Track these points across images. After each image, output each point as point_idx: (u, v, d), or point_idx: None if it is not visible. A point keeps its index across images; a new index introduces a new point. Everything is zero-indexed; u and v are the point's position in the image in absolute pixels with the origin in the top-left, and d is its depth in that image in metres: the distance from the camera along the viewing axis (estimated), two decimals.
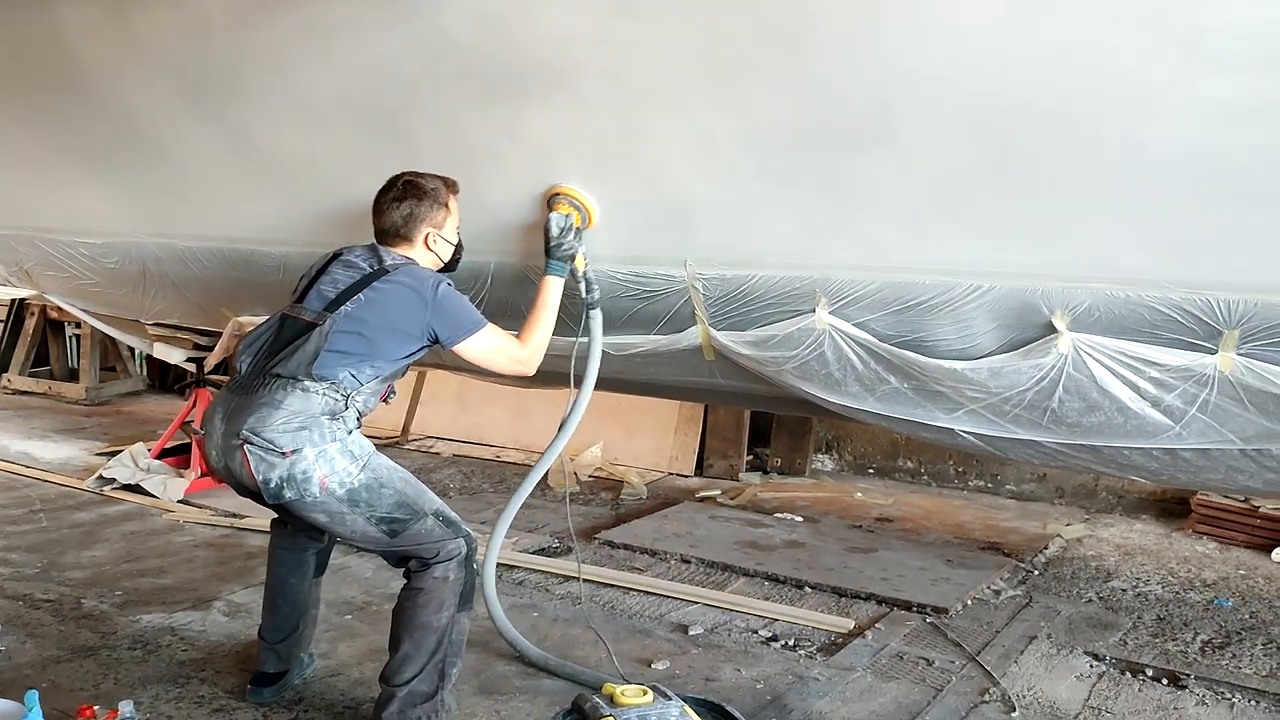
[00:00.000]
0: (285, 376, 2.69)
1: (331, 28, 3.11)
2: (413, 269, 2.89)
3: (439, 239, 3.00)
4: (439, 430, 6.91)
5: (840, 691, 3.23)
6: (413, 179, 2.97)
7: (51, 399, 8.16)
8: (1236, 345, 2.60)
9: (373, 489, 2.73)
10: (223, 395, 2.83)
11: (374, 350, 2.77)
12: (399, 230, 2.95)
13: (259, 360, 2.79)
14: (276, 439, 2.63)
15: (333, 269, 2.90)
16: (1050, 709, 3.15)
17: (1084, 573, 4.50)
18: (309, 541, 3.10)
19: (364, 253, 2.93)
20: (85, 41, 3.61)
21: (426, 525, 2.79)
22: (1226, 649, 3.65)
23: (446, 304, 2.83)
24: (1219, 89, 2.28)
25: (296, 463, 2.63)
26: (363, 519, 2.72)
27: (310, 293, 2.85)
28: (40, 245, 4.85)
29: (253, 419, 2.65)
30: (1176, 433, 2.79)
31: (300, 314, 2.81)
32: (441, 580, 2.77)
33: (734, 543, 4.69)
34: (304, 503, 2.68)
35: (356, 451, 2.74)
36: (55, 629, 3.53)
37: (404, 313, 2.79)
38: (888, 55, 2.53)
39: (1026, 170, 2.59)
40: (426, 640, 2.75)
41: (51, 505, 5.09)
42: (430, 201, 2.95)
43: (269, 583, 3.12)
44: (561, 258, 3.10)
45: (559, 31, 2.80)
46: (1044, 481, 5.87)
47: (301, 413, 2.66)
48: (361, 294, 2.78)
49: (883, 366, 3.06)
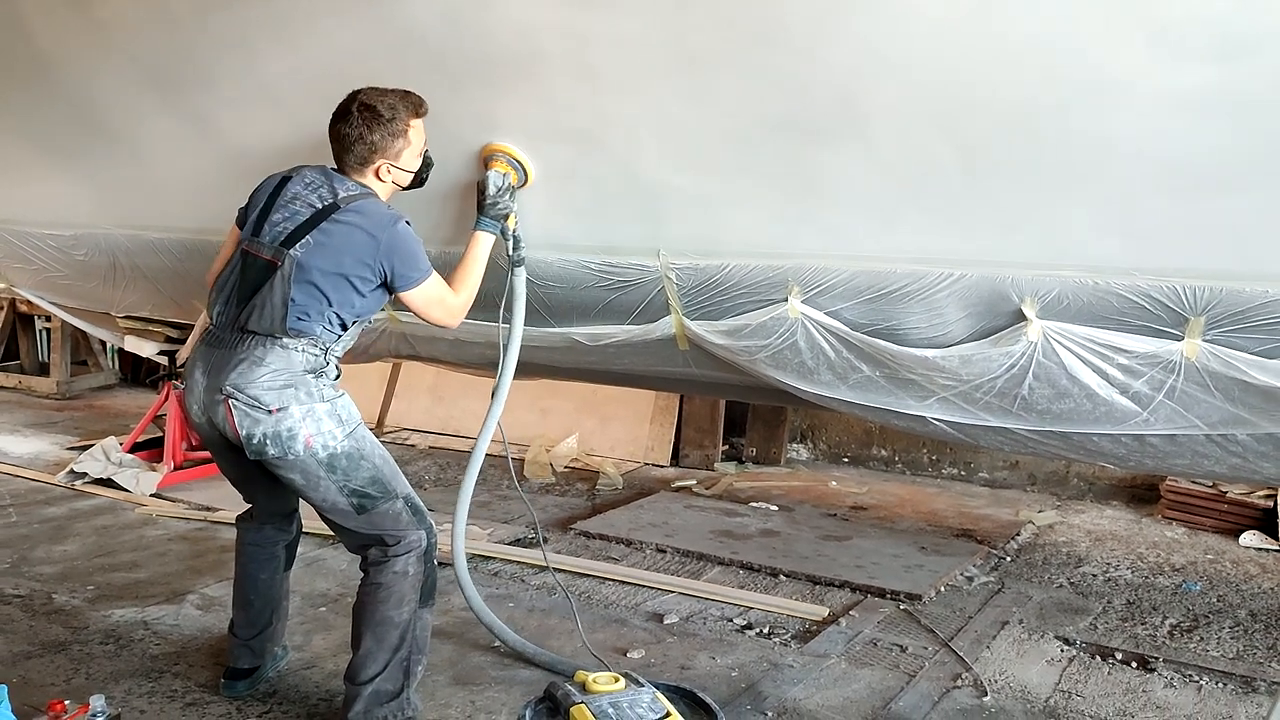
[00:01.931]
0: (261, 334, 2.66)
1: (297, 16, 3.08)
2: (366, 204, 2.75)
3: (393, 168, 2.83)
4: (414, 422, 6.89)
5: (814, 678, 3.25)
6: (369, 103, 2.75)
7: (22, 393, 8.08)
8: (1202, 332, 2.63)
9: (352, 458, 2.71)
10: (200, 349, 2.78)
11: (335, 300, 2.69)
12: (352, 159, 2.79)
13: (230, 310, 2.73)
14: (261, 396, 2.62)
15: (284, 197, 2.75)
16: (1022, 693, 3.19)
17: (1055, 559, 4.54)
18: (277, 534, 3.09)
19: (317, 178, 2.78)
20: (48, 30, 3.56)
21: (395, 508, 2.77)
22: (1194, 632, 3.70)
23: (400, 247, 2.72)
24: (1182, 79, 2.30)
25: (282, 420, 2.62)
26: (335, 487, 2.70)
27: (264, 225, 2.73)
28: (7, 238, 4.79)
29: (234, 374, 2.64)
30: (1144, 419, 2.82)
31: (259, 251, 2.71)
32: (401, 575, 2.74)
33: (709, 532, 4.71)
34: (284, 460, 2.65)
35: (344, 416, 2.72)
36: (25, 624, 3.50)
37: (354, 256, 2.68)
38: (854, 46, 2.53)
39: (994, 160, 2.61)
40: (388, 636, 2.72)
41: (22, 500, 5.04)
42: (384, 131, 2.76)
43: (239, 578, 3.08)
44: (495, 216, 3.03)
45: (526, 21, 2.79)
46: (1016, 469, 5.92)
47: (285, 370, 2.65)
48: (310, 236, 2.67)
49: (855, 355, 3.07)
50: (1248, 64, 2.24)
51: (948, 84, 2.51)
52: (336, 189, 2.76)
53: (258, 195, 2.84)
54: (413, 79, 3.02)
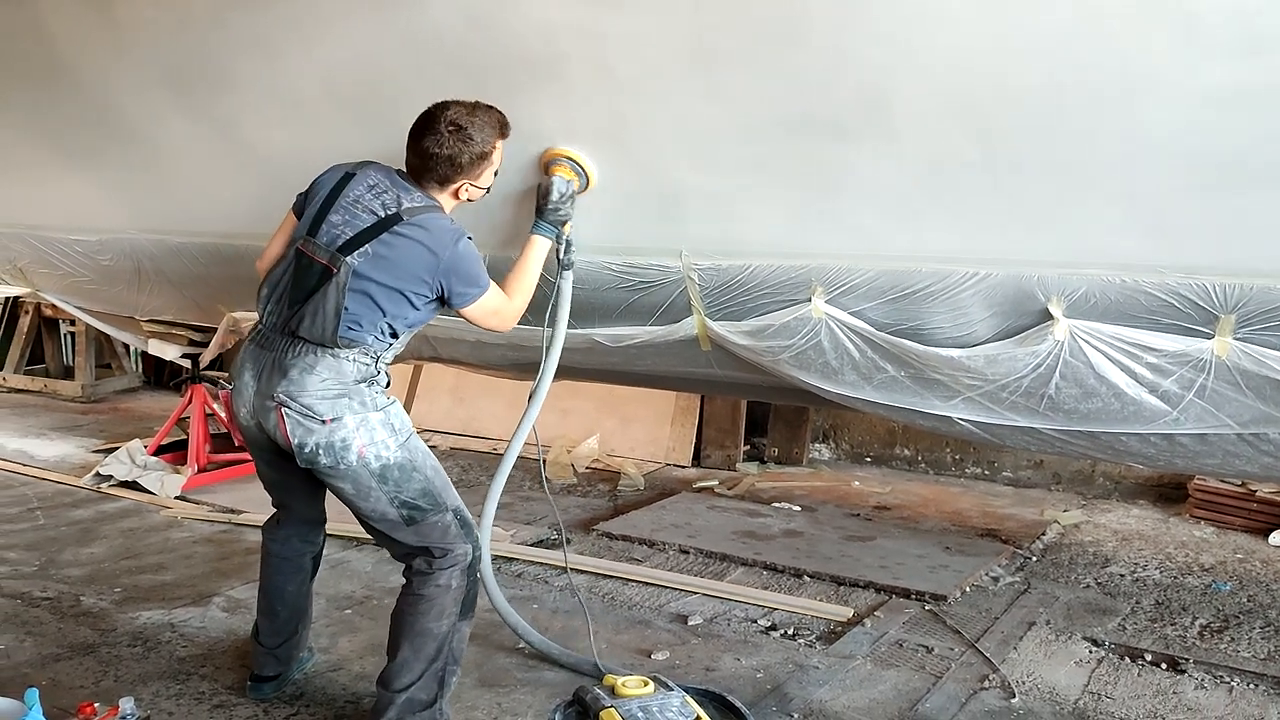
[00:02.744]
0: (312, 342, 2.63)
1: (318, 19, 3.09)
2: (430, 218, 2.68)
3: (471, 187, 2.78)
4: (435, 423, 6.90)
5: (840, 680, 3.23)
6: (462, 123, 2.68)
7: (47, 396, 8.14)
8: (1233, 330, 2.60)
9: (405, 469, 2.68)
10: (250, 350, 2.75)
11: (389, 311, 2.66)
12: (433, 178, 2.73)
13: (281, 311, 2.69)
14: (314, 405, 2.60)
15: (346, 197, 2.69)
16: (1050, 694, 3.16)
17: (1082, 558, 4.50)
18: (304, 546, 3.07)
19: (382, 181, 2.72)
20: (70, 34, 3.59)
21: (445, 520, 2.74)
22: (1225, 633, 3.66)
23: (462, 264, 2.68)
24: (1213, 73, 2.27)
25: (336, 430, 2.61)
26: (386, 498, 2.67)
27: (322, 225, 2.67)
28: (33, 243, 4.83)
29: (286, 382, 2.62)
30: (1174, 418, 2.79)
31: (315, 253, 2.66)
32: (445, 588, 2.72)
33: (732, 533, 4.70)
34: (335, 470, 2.63)
35: (397, 425, 2.70)
36: (54, 626, 3.52)
37: (413, 272, 2.64)
38: (878, 42, 2.52)
39: (1020, 156, 2.59)
40: (426, 647, 2.71)
41: (49, 503, 5.08)
42: (473, 154, 2.70)
43: (265, 589, 3.06)
44: (555, 221, 2.99)
45: (546, 22, 2.79)
46: (1041, 468, 5.88)
47: (336, 379, 2.63)
48: (370, 246, 2.62)
49: (879, 355, 3.05)
50: (1278, 58, 2.21)
51: (972, 79, 2.49)
52: (401, 199, 2.69)
53: (318, 188, 2.77)
54: (432, 80, 3.02)
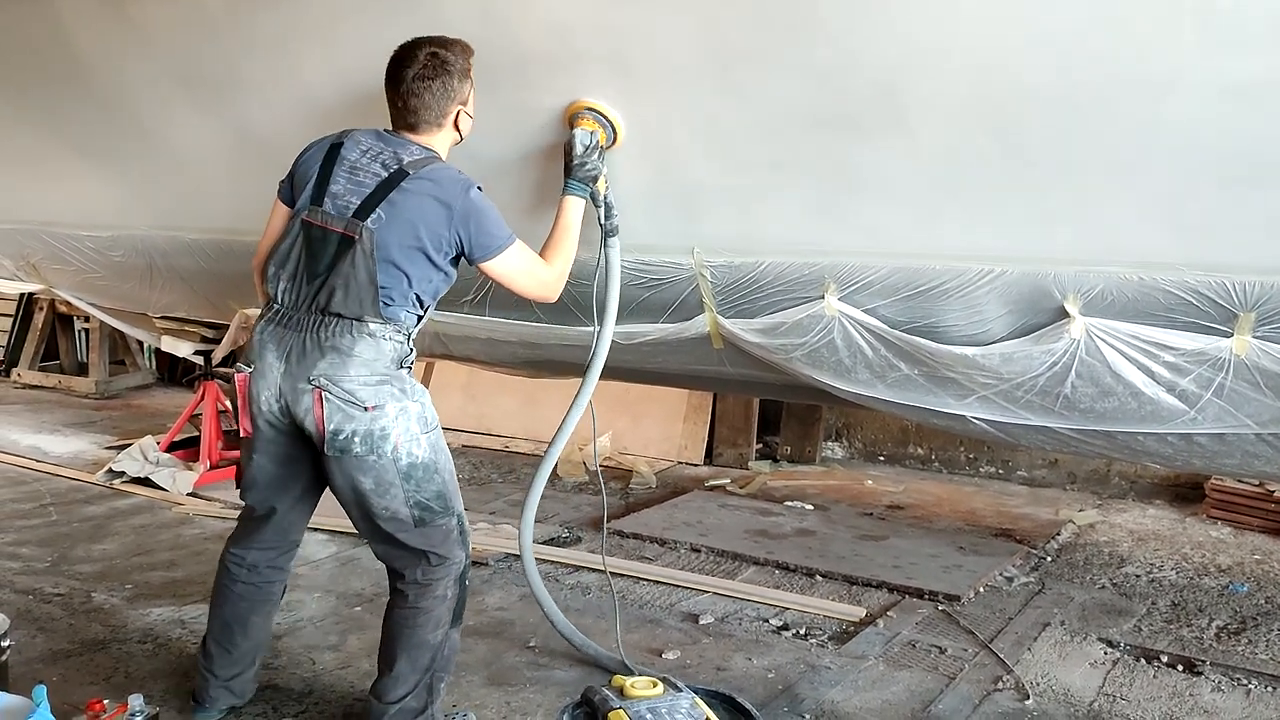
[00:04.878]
0: (348, 318, 2.51)
1: (332, 18, 3.08)
2: (436, 170, 2.58)
3: (465, 115, 2.70)
4: (447, 420, 6.78)
5: (852, 680, 3.21)
6: (437, 50, 2.61)
7: (61, 393, 8.18)
8: (1253, 328, 2.57)
9: (428, 469, 2.60)
10: (270, 331, 2.59)
11: (414, 276, 2.56)
12: (429, 114, 2.63)
13: (300, 288, 2.57)
14: (357, 391, 2.49)
15: (341, 166, 2.59)
16: (1065, 696, 3.13)
17: (1097, 559, 4.47)
18: (274, 574, 2.87)
19: (375, 144, 2.62)
20: (85, 33, 3.59)
21: (450, 525, 2.68)
22: (1242, 634, 3.62)
23: (476, 214, 2.56)
24: (1233, 67, 2.24)
25: (377, 419, 2.50)
26: (402, 496, 2.57)
27: (325, 197, 2.56)
28: (47, 239, 4.85)
29: (325, 364, 2.50)
30: (1192, 418, 2.76)
31: (328, 223, 2.54)
32: (441, 599, 2.67)
33: (744, 531, 4.68)
34: (365, 461, 2.52)
35: (430, 419, 2.63)
36: (65, 623, 3.53)
37: (429, 227, 2.53)
38: (893, 38, 2.49)
39: (1037, 152, 2.56)
40: (423, 659, 2.67)
41: (62, 499, 5.09)
42: (461, 75, 2.64)
43: (225, 620, 2.83)
44: (583, 179, 2.84)
45: (561, 19, 2.77)
46: (1056, 467, 5.84)
47: (376, 362, 2.53)
48: (380, 209, 2.51)
49: (893, 353, 3.03)
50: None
51: (988, 74, 2.47)
52: (400, 154, 2.59)
53: (305, 164, 2.67)
54: None
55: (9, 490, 5.25)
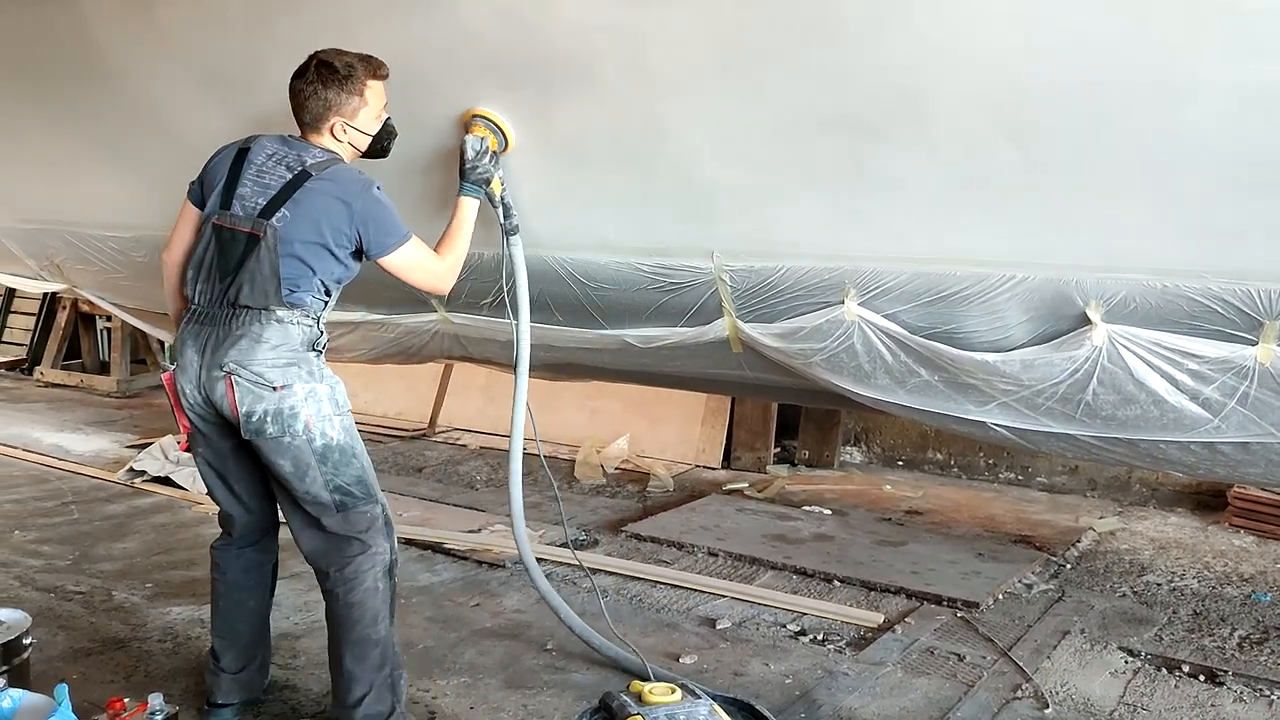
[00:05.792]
0: (255, 308, 2.62)
1: (351, 19, 3.09)
2: (338, 169, 2.71)
3: (349, 128, 2.78)
4: (466, 422, 6.91)
5: (870, 687, 3.20)
6: (327, 59, 2.73)
7: (83, 391, 8.25)
8: (1278, 336, 2.54)
9: (345, 452, 2.67)
10: (189, 329, 2.71)
11: (319, 268, 2.68)
12: (308, 117, 2.76)
13: (213, 286, 2.68)
14: (265, 373, 2.59)
15: (248, 170, 2.70)
16: (1084, 705, 3.11)
17: (1117, 567, 4.43)
18: (261, 556, 2.95)
19: (279, 148, 2.73)
20: (109, 34, 3.61)
21: (374, 512, 2.73)
22: (1265, 645, 3.58)
23: (374, 213, 2.69)
24: (1258, 72, 2.22)
25: (285, 398, 2.59)
26: (322, 480, 2.64)
27: (233, 200, 2.68)
28: (70, 240, 4.87)
29: (235, 351, 2.60)
30: (1215, 426, 2.74)
31: (236, 224, 2.65)
32: (372, 590, 2.68)
33: (762, 536, 4.66)
34: (280, 442, 2.60)
35: (340, 401, 2.70)
36: (86, 621, 3.55)
37: (330, 224, 2.65)
38: (914, 41, 2.48)
39: (1058, 157, 2.54)
40: (369, 655, 2.67)
41: (83, 497, 5.13)
42: (340, 88, 2.72)
43: (224, 611, 2.93)
44: (476, 180, 3.00)
45: (579, 21, 2.77)
46: (1076, 474, 5.80)
47: (284, 345, 2.63)
48: (285, 208, 2.63)
49: (913, 359, 3.02)
50: None
51: (1009, 78, 2.45)
52: (303, 157, 2.71)
53: (214, 170, 2.79)
54: (466, 80, 3.02)
55: (31, 488, 5.30)
